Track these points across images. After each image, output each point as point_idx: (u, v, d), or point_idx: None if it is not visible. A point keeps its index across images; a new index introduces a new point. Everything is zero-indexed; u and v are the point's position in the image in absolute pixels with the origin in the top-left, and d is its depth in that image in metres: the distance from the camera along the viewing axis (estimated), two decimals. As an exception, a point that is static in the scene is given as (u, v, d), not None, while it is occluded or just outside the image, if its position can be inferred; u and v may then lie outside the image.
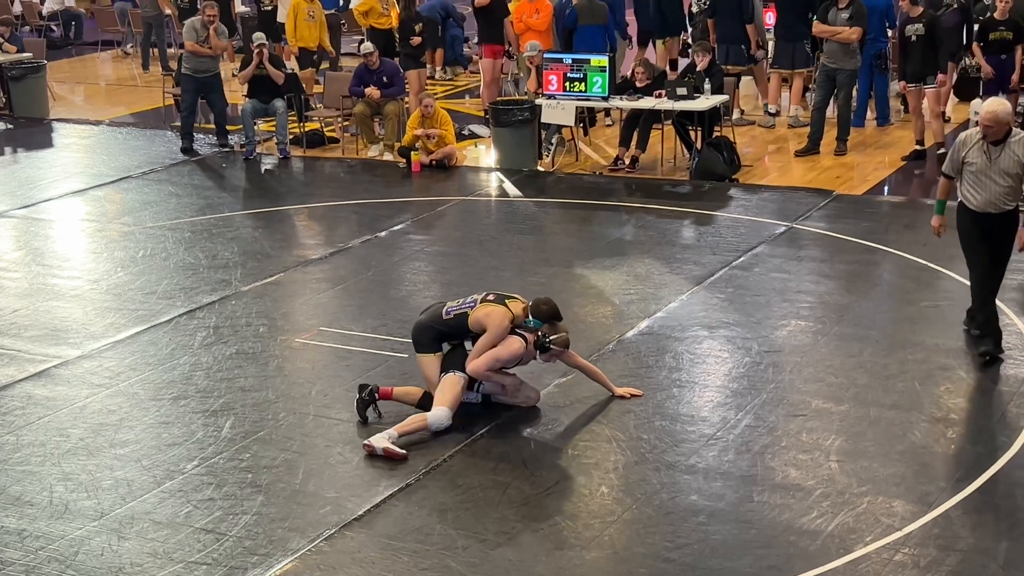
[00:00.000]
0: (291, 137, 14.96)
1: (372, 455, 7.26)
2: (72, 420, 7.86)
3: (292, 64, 17.60)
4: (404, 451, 7.24)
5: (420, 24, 16.16)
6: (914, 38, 13.22)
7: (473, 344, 7.68)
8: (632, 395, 7.94)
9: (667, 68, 15.96)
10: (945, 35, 13.44)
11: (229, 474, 7.12)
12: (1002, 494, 6.67)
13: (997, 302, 8.48)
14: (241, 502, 6.81)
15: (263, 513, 6.70)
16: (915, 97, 13.64)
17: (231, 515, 6.68)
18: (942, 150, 12.96)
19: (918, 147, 13.52)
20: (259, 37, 14.78)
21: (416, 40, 15.96)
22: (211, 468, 7.20)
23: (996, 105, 8.16)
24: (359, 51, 18.26)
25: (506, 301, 7.75)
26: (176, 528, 6.56)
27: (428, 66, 19.00)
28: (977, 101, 15.07)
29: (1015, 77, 13.62)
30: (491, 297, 7.80)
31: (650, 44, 17.05)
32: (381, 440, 7.27)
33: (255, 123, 14.70)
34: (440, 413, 7.49)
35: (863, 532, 6.33)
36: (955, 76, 14.75)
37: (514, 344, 7.64)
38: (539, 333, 7.67)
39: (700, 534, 6.38)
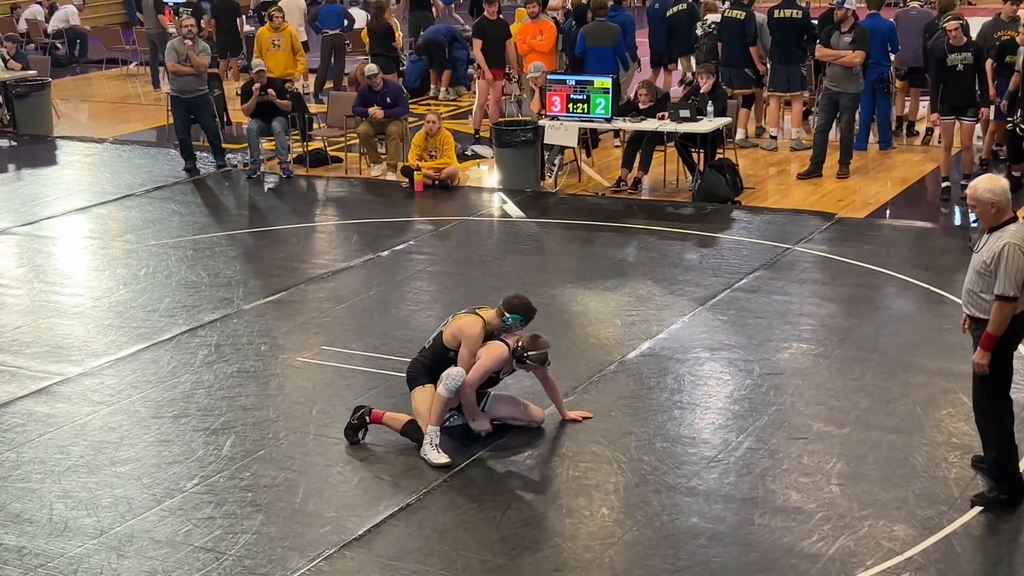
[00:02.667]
0: (294, 156, 14.98)
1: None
2: (73, 437, 7.86)
3: (298, 84, 17.66)
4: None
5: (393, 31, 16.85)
6: (960, 67, 12.55)
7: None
8: (584, 418, 7.93)
9: (682, 86, 16.02)
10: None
11: (229, 493, 7.12)
12: (1003, 519, 6.65)
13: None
14: (241, 521, 6.80)
15: (263, 532, 6.69)
16: (949, 130, 12.77)
17: (231, 534, 6.67)
18: (946, 184, 12.88)
19: (945, 184, 12.91)
20: (258, 64, 14.81)
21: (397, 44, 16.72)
22: (211, 487, 7.19)
23: (980, 181, 6.69)
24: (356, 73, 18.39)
25: (476, 310, 7.78)
26: (176, 547, 6.55)
27: (433, 87, 19.12)
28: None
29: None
30: (462, 311, 7.83)
31: (660, 67, 17.10)
32: (432, 453, 7.38)
33: (260, 142, 14.71)
34: (454, 371, 7.49)
35: (864, 556, 6.32)
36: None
37: (497, 350, 7.65)
38: (518, 344, 7.66)
39: (701, 556, 6.37)
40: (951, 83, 12.69)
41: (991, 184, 6.59)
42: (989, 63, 12.91)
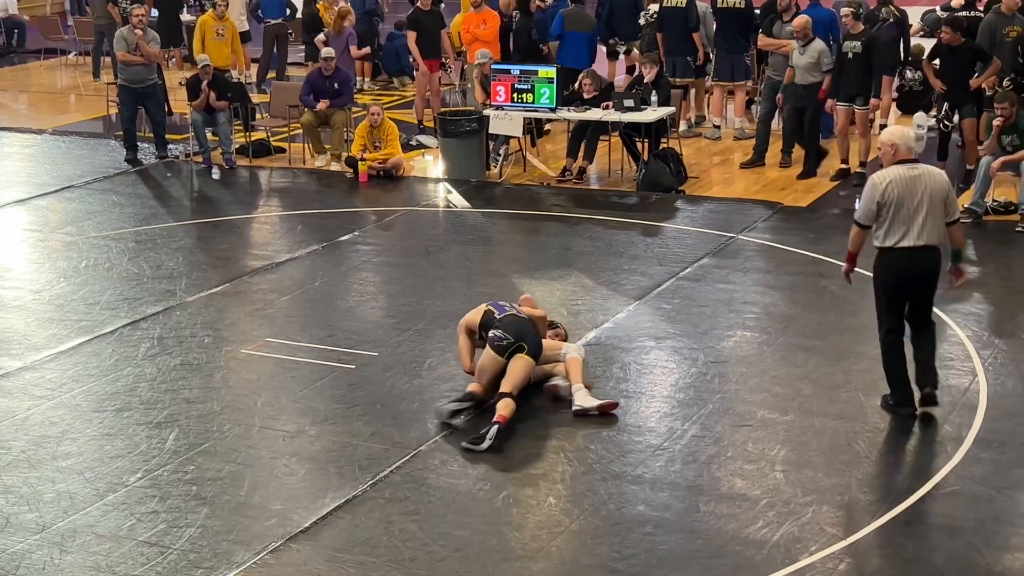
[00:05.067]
0: (237, 147, 14.88)
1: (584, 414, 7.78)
2: (13, 432, 7.75)
3: (240, 73, 17.55)
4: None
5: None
6: (851, 55, 12.89)
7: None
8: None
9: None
10: (882, 51, 13.48)
11: (173, 486, 7.06)
12: (944, 503, 6.74)
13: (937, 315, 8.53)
14: (185, 515, 6.75)
15: (207, 526, 6.64)
16: (844, 117, 13.03)
17: (175, 528, 6.62)
18: (844, 166, 13.05)
19: (843, 166, 13.21)
20: (203, 59, 14.67)
21: (320, 40, 16.76)
22: (155, 480, 7.13)
23: (889, 128, 7.86)
24: (306, 61, 18.30)
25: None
26: (119, 541, 6.49)
27: (358, 77, 19.00)
28: (920, 114, 15.29)
29: None
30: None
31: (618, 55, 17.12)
32: (590, 400, 7.82)
33: (206, 132, 14.59)
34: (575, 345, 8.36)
35: (808, 541, 6.37)
36: (894, 90, 14.88)
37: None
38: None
39: (647, 544, 6.40)
40: (844, 70, 12.96)
41: (895, 132, 7.63)
42: (996, 63, 12.88)
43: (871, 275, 7.77)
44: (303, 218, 12.52)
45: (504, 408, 7.63)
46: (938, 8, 22.23)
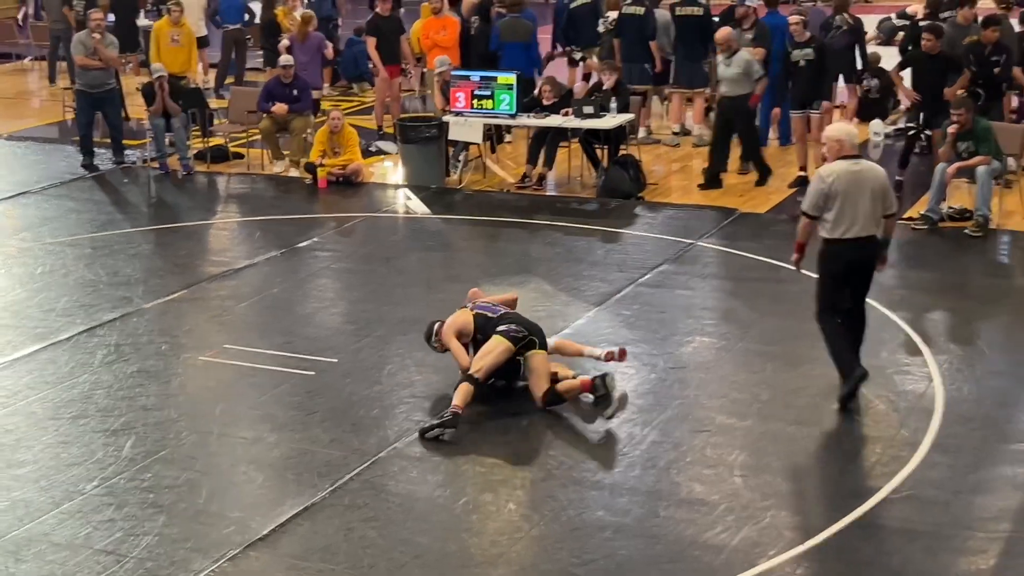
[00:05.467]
0: (195, 152, 14.80)
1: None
2: (-33, 440, 7.67)
3: (198, 78, 17.45)
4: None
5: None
6: (802, 63, 12.98)
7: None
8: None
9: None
10: (836, 58, 13.57)
11: (130, 494, 7.00)
12: (901, 507, 6.79)
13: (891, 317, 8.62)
14: (142, 523, 6.69)
15: (165, 534, 6.59)
16: (800, 123, 13.16)
17: (132, 536, 6.56)
18: (803, 174, 13.11)
19: (802, 174, 13.20)
20: (158, 68, 14.58)
21: (284, 45, 16.72)
22: (111, 488, 7.07)
23: (832, 126, 8.46)
24: (265, 67, 18.24)
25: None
26: (75, 550, 6.43)
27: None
28: (876, 122, 15.42)
29: None
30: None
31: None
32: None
33: (165, 137, 14.51)
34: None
35: (767, 546, 6.40)
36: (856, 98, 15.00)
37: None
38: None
39: (607, 550, 6.41)
40: (795, 78, 13.06)
41: (839, 129, 8.12)
42: (967, 73, 12.95)
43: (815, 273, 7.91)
44: (262, 224, 12.46)
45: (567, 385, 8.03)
46: (894, 16, 22.45)
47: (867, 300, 8.24)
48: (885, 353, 8.82)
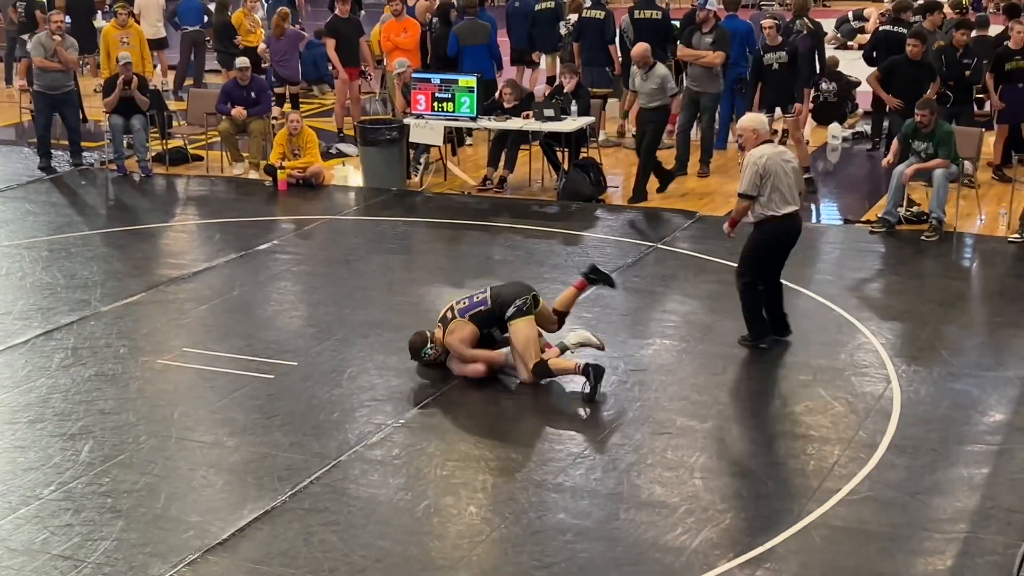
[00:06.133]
0: (154, 154, 14.72)
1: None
2: (-79, 445, 7.59)
3: (156, 80, 17.35)
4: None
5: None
6: (776, 66, 13.15)
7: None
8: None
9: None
10: (801, 62, 13.68)
11: (88, 499, 6.94)
12: (859, 509, 6.84)
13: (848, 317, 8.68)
14: (100, 528, 6.64)
15: (123, 539, 6.54)
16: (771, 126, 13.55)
17: (90, 541, 6.51)
18: (808, 174, 13.17)
19: None
20: (124, 57, 14.49)
21: (239, 41, 17.20)
22: (69, 493, 7.01)
23: (746, 118, 9.20)
24: (221, 69, 18.15)
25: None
26: (32, 555, 6.37)
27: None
28: (835, 125, 15.54)
29: None
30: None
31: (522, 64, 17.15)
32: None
33: (123, 139, 14.41)
34: None
35: (727, 548, 6.43)
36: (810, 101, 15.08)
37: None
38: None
39: (568, 552, 6.41)
40: (768, 81, 13.13)
41: (753, 119, 9.10)
42: (938, 79, 13.00)
43: (784, 282, 7.96)
44: (221, 226, 12.40)
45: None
46: (850, 13, 22.63)
47: (824, 301, 8.35)
48: (843, 355, 8.89)
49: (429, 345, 8.52)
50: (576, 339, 8.62)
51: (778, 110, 13.46)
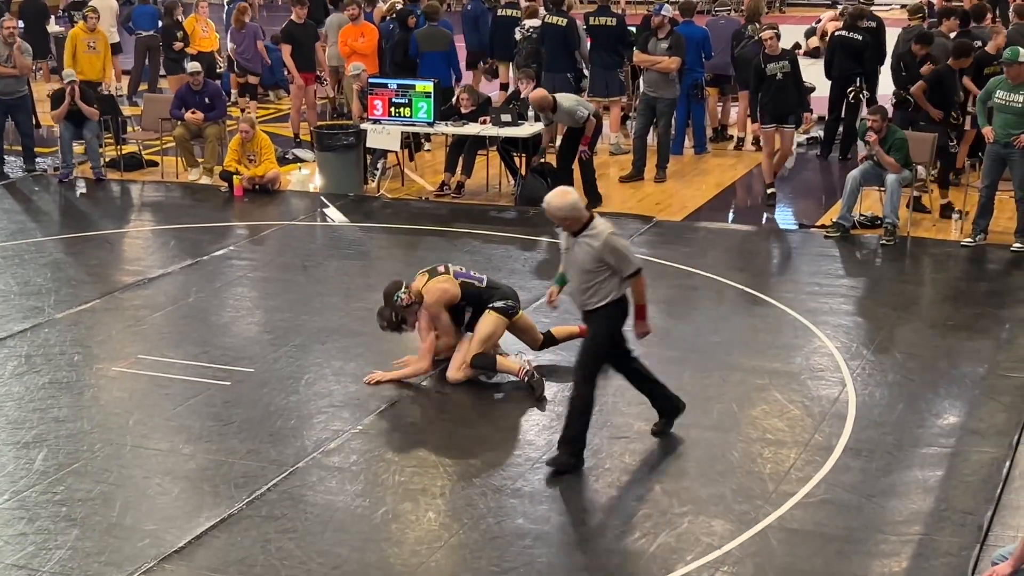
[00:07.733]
0: (108, 160, 14.60)
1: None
2: None
3: (111, 85, 17.22)
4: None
5: (181, 31, 17.41)
6: (779, 75, 12.90)
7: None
8: None
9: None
10: (746, 68, 13.65)
11: (42, 508, 6.87)
12: (815, 511, 6.89)
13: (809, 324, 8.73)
14: (55, 536, 6.58)
15: (78, 548, 6.48)
16: (770, 139, 13.13)
17: (44, 550, 6.44)
18: (772, 189, 13.20)
19: (771, 190, 13.15)
20: (69, 74, 14.37)
21: (179, 45, 17.19)
22: (23, 502, 6.93)
23: (552, 198, 7.22)
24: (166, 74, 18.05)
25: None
26: (-15, 566, 6.30)
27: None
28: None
29: None
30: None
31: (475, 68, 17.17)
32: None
33: (72, 146, 14.28)
34: None
35: (684, 551, 6.45)
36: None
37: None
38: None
39: (526, 557, 6.42)
40: (770, 92, 13.04)
41: (562, 200, 7.18)
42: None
43: (741, 287, 7.91)
44: (176, 232, 12.32)
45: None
46: (823, 14, 22.74)
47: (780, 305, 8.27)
48: (799, 359, 8.95)
49: (403, 289, 8.54)
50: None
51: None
